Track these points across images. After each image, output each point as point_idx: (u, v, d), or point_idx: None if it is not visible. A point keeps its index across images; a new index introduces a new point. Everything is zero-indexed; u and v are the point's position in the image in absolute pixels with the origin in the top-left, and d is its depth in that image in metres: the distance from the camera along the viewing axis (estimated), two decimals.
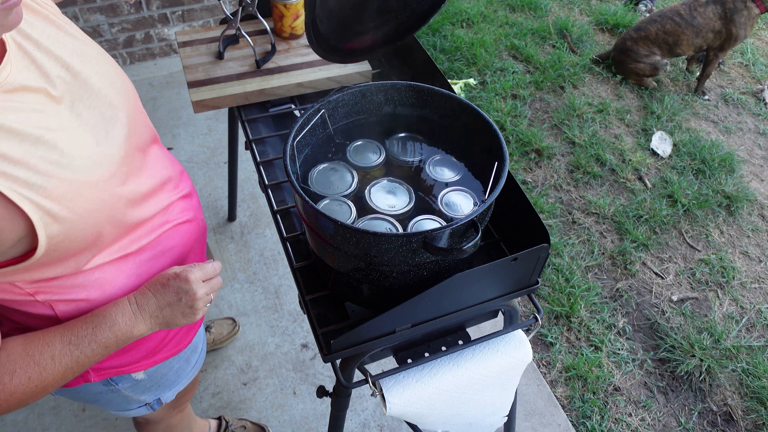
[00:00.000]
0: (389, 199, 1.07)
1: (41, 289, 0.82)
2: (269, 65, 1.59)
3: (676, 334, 2.26)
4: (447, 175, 1.13)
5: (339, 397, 1.21)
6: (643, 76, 3.44)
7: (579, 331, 2.26)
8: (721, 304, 2.40)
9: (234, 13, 1.61)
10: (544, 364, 2.16)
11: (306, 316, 1.14)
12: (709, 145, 3.10)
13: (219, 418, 1.81)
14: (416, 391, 1.11)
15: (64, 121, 0.76)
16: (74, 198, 0.74)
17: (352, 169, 1.12)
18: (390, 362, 1.21)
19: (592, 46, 3.81)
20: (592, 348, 2.22)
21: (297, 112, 1.61)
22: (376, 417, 1.94)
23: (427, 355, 1.16)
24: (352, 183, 1.10)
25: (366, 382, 1.10)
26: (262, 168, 1.39)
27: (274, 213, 1.29)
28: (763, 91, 3.57)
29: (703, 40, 3.29)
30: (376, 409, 1.96)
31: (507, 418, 1.41)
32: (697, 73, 3.57)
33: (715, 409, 2.08)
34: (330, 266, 1.04)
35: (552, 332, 2.24)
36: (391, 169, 1.16)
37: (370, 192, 1.08)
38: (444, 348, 1.19)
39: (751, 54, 3.87)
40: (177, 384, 1.20)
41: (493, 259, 1.07)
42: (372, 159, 1.15)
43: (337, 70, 1.59)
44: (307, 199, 0.91)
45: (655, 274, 2.50)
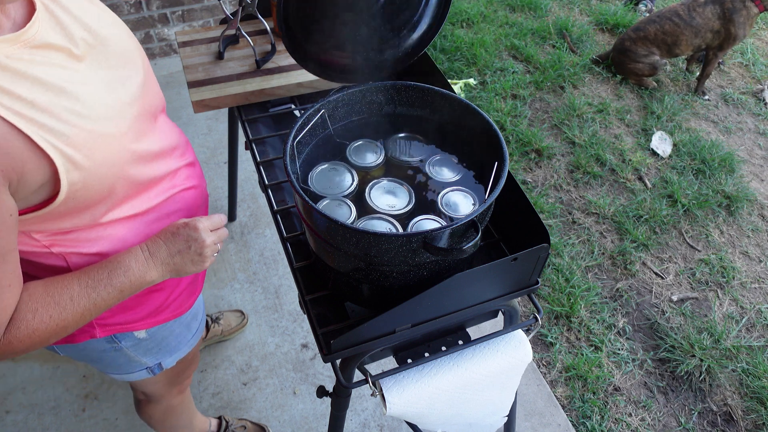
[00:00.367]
0: (389, 199, 1.07)
1: (57, 242, 0.88)
2: (269, 65, 1.59)
3: (676, 334, 2.26)
4: (447, 175, 1.13)
5: (339, 397, 1.21)
6: (643, 76, 3.44)
7: (579, 331, 2.26)
8: (721, 304, 2.40)
9: (234, 13, 1.61)
10: (544, 364, 2.16)
11: (306, 316, 1.14)
12: (709, 145, 3.10)
13: (219, 418, 1.81)
14: (416, 391, 1.11)
15: (85, 77, 0.82)
16: (93, 147, 0.80)
17: (352, 169, 1.12)
18: (390, 362, 1.21)
19: (592, 46, 3.81)
20: (592, 348, 2.22)
21: (297, 112, 1.61)
22: (376, 417, 1.94)
23: (427, 355, 1.16)
24: (352, 183, 1.10)
25: (366, 382, 1.10)
26: (262, 168, 1.39)
27: (274, 213, 1.29)
28: (763, 91, 3.57)
29: (702, 40, 3.29)
30: (376, 409, 1.96)
31: (507, 418, 1.41)
32: (697, 73, 3.57)
33: (715, 409, 2.08)
34: (330, 266, 1.04)
35: (552, 332, 2.24)
36: (391, 169, 1.16)
37: (370, 192, 1.08)
38: (444, 348, 1.19)
39: (751, 54, 3.87)
40: (178, 350, 1.25)
41: (493, 259, 1.07)
42: (372, 159, 1.15)
43: None
44: (307, 199, 0.91)
45: (655, 274, 2.50)
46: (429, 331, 1.09)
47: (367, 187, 1.09)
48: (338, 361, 1.12)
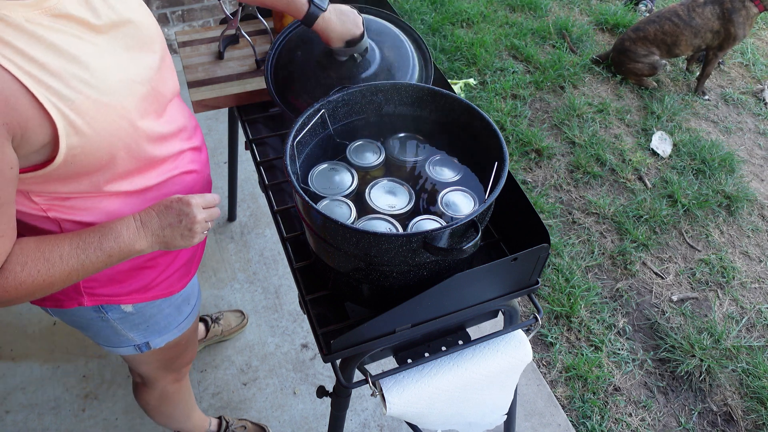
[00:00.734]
0: (389, 199, 1.07)
1: (54, 207, 0.91)
2: None
3: (676, 334, 2.26)
4: (447, 175, 1.13)
5: (339, 397, 1.21)
6: (642, 76, 3.44)
7: (579, 331, 2.26)
8: (721, 304, 2.40)
9: (234, 13, 1.61)
10: (544, 364, 2.16)
11: (306, 316, 1.14)
12: (709, 145, 3.10)
13: (219, 418, 1.81)
14: (416, 391, 1.11)
15: (101, 51, 0.85)
16: (95, 116, 0.82)
17: (352, 169, 1.12)
18: (390, 362, 1.21)
19: (592, 46, 3.81)
20: (592, 348, 2.22)
21: None
22: (376, 417, 1.94)
23: (427, 355, 1.16)
24: (352, 183, 1.10)
25: (366, 382, 1.10)
26: (262, 168, 1.39)
27: (274, 213, 1.29)
28: (763, 91, 3.57)
29: (702, 40, 3.29)
30: (376, 409, 1.96)
31: (507, 416, 1.41)
32: (697, 73, 3.57)
33: (715, 409, 2.08)
34: (330, 266, 1.04)
35: (552, 332, 2.24)
36: (391, 169, 1.16)
37: (370, 192, 1.08)
38: (444, 348, 1.19)
39: (751, 54, 3.87)
40: (167, 332, 1.26)
41: (493, 259, 1.07)
42: (372, 159, 1.15)
43: None
44: (307, 199, 0.91)
45: (655, 274, 2.50)
46: (429, 331, 1.09)
47: (367, 187, 1.09)
48: (338, 361, 1.12)
